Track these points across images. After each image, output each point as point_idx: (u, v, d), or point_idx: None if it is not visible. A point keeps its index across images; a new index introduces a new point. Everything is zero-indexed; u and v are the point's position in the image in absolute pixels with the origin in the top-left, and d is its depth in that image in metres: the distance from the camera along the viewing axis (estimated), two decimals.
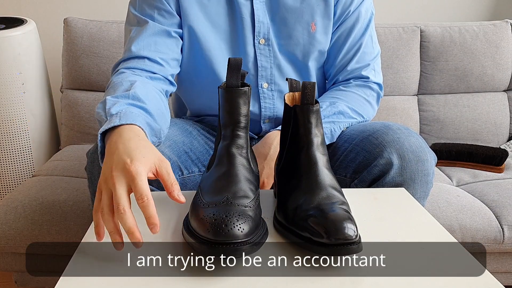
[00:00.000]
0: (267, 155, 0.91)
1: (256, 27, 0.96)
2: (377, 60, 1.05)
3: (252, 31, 0.97)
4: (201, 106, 1.06)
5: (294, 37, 0.98)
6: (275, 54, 0.99)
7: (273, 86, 1.00)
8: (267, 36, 0.97)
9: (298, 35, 0.98)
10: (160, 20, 0.94)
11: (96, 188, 0.81)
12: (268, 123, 1.03)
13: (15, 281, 1.31)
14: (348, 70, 1.02)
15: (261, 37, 0.97)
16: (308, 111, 0.66)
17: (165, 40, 0.94)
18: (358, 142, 0.89)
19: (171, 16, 0.95)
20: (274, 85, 1.00)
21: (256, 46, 0.97)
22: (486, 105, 1.68)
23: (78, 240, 0.61)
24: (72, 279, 0.53)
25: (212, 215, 0.55)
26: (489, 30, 1.66)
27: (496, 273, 1.30)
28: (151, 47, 0.92)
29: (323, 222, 0.56)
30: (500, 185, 1.35)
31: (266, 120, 1.03)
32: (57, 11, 1.86)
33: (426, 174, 0.84)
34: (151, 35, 0.92)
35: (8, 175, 1.55)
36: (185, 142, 0.93)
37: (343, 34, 1.01)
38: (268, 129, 1.04)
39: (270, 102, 1.01)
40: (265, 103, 1.01)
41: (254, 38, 0.97)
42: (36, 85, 1.57)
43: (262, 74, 0.99)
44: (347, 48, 1.01)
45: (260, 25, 0.97)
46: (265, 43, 0.97)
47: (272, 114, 1.02)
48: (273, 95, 1.01)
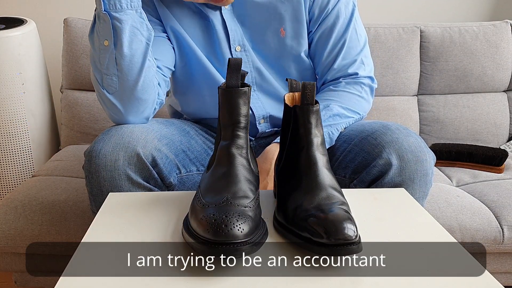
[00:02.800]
0: (269, 170, 0.91)
1: (230, 35, 0.98)
2: (364, 50, 1.04)
3: (227, 40, 0.98)
4: (196, 110, 1.07)
5: (266, 42, 1.00)
6: (253, 58, 1.00)
7: (255, 88, 1.01)
8: (242, 43, 0.99)
9: (269, 41, 1.00)
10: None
11: (93, 188, 0.82)
12: (264, 123, 1.04)
13: (15, 281, 1.31)
14: (335, 69, 1.01)
15: (237, 44, 0.99)
16: (308, 111, 0.66)
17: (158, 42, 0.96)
18: (357, 143, 0.89)
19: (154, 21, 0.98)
20: (257, 86, 1.02)
21: (233, 54, 0.99)
22: (486, 106, 1.68)
23: (78, 240, 0.61)
24: (72, 279, 0.53)
25: (212, 215, 0.55)
26: (489, 31, 1.66)
27: (496, 273, 1.30)
28: None
29: (323, 222, 0.56)
30: (500, 185, 1.35)
31: (261, 120, 1.03)
32: (57, 11, 1.86)
33: (425, 174, 0.84)
34: None
35: (8, 175, 1.55)
36: (183, 141, 0.93)
37: (324, 33, 1.01)
38: (265, 130, 1.04)
39: (258, 103, 1.03)
40: (254, 105, 1.02)
41: (230, 47, 0.99)
42: (36, 85, 1.57)
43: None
44: (331, 47, 1.01)
45: (234, 33, 0.98)
46: (241, 49, 0.99)
47: (265, 113, 1.03)
48: (259, 96, 1.02)
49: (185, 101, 1.09)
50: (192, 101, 1.06)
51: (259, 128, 1.04)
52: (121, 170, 0.79)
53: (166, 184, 0.86)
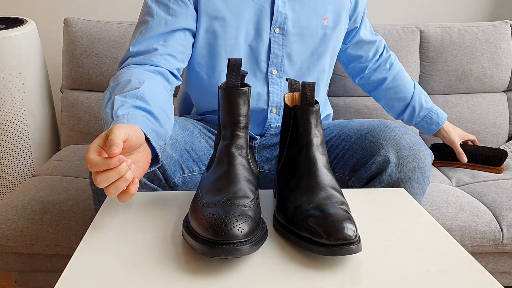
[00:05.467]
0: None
1: (274, 16, 0.99)
2: None
3: (270, 20, 0.99)
4: (208, 103, 1.06)
5: (308, 28, 1.01)
6: (288, 43, 1.01)
7: (281, 73, 1.02)
8: (283, 26, 1.00)
9: (312, 27, 1.01)
10: (175, 9, 0.95)
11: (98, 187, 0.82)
12: (275, 113, 1.03)
13: (15, 281, 1.31)
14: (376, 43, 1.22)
15: (277, 26, 0.99)
16: (307, 111, 0.66)
17: (175, 34, 0.95)
18: (356, 140, 0.90)
19: (186, 6, 0.96)
20: (283, 73, 1.02)
21: (271, 34, 0.99)
22: (486, 106, 1.69)
23: (78, 240, 0.62)
24: (72, 279, 0.54)
25: (212, 215, 0.55)
26: (489, 31, 1.66)
27: (495, 273, 1.30)
28: (160, 41, 0.93)
29: (322, 222, 0.56)
30: (499, 185, 1.35)
31: (274, 109, 1.03)
32: (57, 11, 1.86)
33: (423, 171, 0.84)
34: (161, 28, 0.94)
35: (8, 175, 1.55)
36: (187, 140, 0.93)
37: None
38: (274, 122, 1.04)
39: (278, 88, 1.03)
40: (273, 88, 1.02)
41: (271, 27, 0.99)
42: (36, 85, 1.57)
43: (273, 61, 1.01)
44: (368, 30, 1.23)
45: (278, 15, 0.99)
46: (280, 32, 1.00)
47: (280, 100, 1.03)
48: (281, 82, 1.03)
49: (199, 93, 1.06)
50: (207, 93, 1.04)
51: (269, 116, 1.04)
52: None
53: (170, 185, 0.86)
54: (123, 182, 0.59)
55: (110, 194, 0.59)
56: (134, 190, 0.61)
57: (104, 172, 0.58)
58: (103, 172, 0.58)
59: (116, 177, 0.58)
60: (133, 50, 0.93)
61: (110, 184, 0.59)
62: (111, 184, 0.59)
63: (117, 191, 0.59)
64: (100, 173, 0.58)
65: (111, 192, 0.59)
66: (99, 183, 0.58)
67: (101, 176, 0.58)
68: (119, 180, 0.59)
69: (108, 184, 0.59)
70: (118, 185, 0.59)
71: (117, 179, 0.59)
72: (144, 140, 0.68)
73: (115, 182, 0.59)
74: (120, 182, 0.59)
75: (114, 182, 0.59)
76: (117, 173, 0.58)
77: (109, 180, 0.58)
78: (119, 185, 0.59)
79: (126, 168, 0.58)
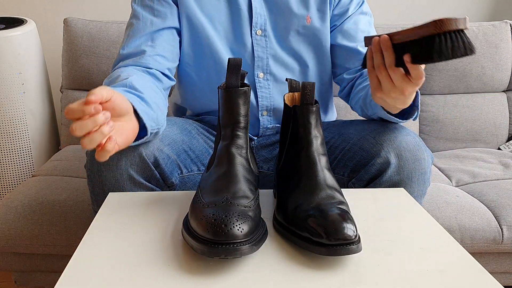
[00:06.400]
0: None
1: (254, 18, 0.98)
2: None
3: (249, 22, 0.98)
4: (202, 104, 1.06)
5: (289, 29, 1.00)
6: (271, 45, 1.00)
7: (268, 76, 1.01)
8: (264, 27, 0.99)
9: (293, 27, 1.00)
10: (159, 10, 0.96)
11: (95, 187, 0.82)
12: (266, 115, 1.03)
13: (15, 281, 1.31)
14: None
15: (258, 28, 0.99)
16: (307, 111, 0.66)
17: (162, 33, 0.95)
18: (356, 141, 0.90)
19: (169, 5, 0.97)
20: (270, 75, 1.01)
21: (253, 37, 0.99)
22: (486, 106, 1.69)
23: (78, 240, 0.62)
24: (72, 279, 0.54)
25: (211, 215, 0.55)
26: (489, 31, 1.66)
27: (495, 273, 1.30)
28: (148, 42, 0.94)
29: (322, 222, 0.56)
30: (499, 185, 1.35)
31: (264, 112, 1.03)
32: (57, 11, 1.86)
33: (423, 172, 0.84)
34: (147, 28, 0.95)
35: (8, 175, 1.55)
36: (185, 140, 0.93)
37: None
38: (267, 125, 1.04)
39: (266, 92, 1.02)
40: (261, 92, 1.01)
41: (251, 29, 0.99)
42: (36, 85, 1.57)
43: (258, 64, 1.00)
44: None
45: (258, 17, 0.98)
46: (262, 34, 0.99)
47: (269, 103, 1.03)
48: (269, 84, 1.02)
49: (190, 93, 1.07)
50: (198, 93, 1.05)
51: (261, 120, 1.03)
52: (123, 170, 0.80)
53: (168, 184, 0.86)
54: (98, 134, 0.57)
55: (86, 146, 0.57)
56: (111, 147, 0.59)
57: (80, 120, 0.56)
58: (79, 120, 0.56)
59: (91, 126, 0.56)
60: (123, 52, 0.94)
61: (86, 135, 0.56)
62: (87, 135, 0.56)
63: (92, 143, 0.57)
64: (76, 120, 0.56)
65: (86, 143, 0.57)
66: (74, 130, 0.56)
67: (76, 123, 0.55)
68: (95, 132, 0.56)
69: (84, 134, 0.56)
70: (93, 136, 0.57)
71: (94, 131, 0.56)
72: (131, 111, 0.67)
73: (90, 134, 0.56)
74: (95, 134, 0.56)
75: (89, 134, 0.56)
76: (93, 121, 0.55)
77: (84, 128, 0.56)
78: (94, 137, 0.57)
79: (103, 119, 0.56)
